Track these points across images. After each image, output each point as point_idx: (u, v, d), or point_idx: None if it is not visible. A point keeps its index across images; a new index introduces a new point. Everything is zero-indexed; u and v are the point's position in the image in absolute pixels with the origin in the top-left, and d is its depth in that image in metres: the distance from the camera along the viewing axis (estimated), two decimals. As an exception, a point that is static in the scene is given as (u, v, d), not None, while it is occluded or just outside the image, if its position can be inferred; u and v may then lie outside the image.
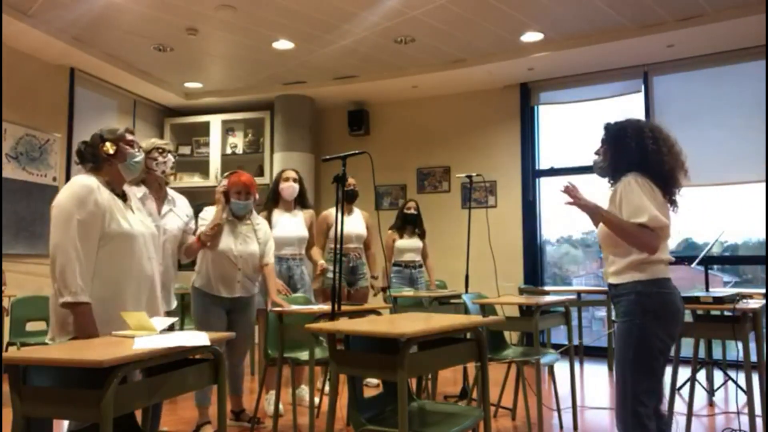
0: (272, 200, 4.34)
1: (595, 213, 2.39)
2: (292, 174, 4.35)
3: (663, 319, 2.29)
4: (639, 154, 2.37)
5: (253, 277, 3.78)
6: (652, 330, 2.28)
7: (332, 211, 4.69)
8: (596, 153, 2.56)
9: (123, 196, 2.54)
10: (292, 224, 4.31)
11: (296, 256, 4.32)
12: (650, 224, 2.25)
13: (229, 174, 3.77)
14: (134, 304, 2.42)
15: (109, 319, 2.30)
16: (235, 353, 3.76)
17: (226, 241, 3.66)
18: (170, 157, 3.28)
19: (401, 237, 5.41)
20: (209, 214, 3.67)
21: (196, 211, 3.64)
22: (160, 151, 3.25)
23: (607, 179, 2.53)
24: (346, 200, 4.76)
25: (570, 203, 2.40)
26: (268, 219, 4.20)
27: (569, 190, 2.39)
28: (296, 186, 4.32)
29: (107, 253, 2.39)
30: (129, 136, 2.56)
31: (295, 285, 4.24)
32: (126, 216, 2.47)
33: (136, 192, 3.02)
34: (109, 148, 2.48)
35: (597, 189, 2.84)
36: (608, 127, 2.51)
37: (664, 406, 2.44)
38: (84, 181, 2.41)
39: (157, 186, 3.32)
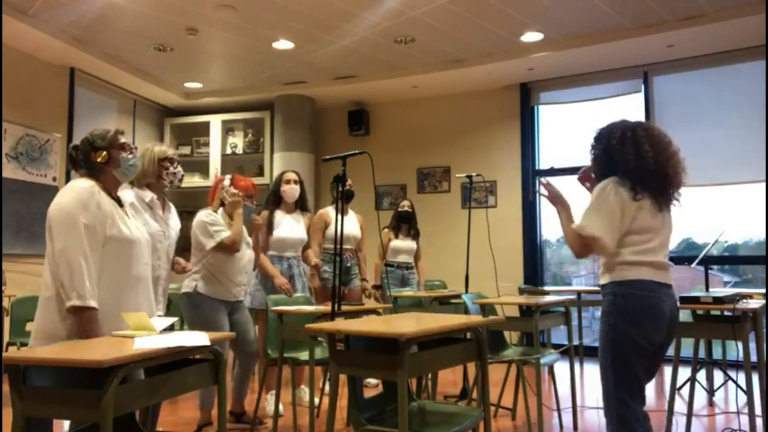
0: (273, 202, 4.33)
1: (558, 206, 2.52)
2: (293, 176, 4.35)
3: (639, 321, 2.23)
4: (618, 160, 2.34)
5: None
6: (626, 331, 2.23)
7: (329, 209, 4.69)
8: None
9: (118, 202, 2.47)
10: (294, 226, 4.34)
11: (297, 257, 4.37)
12: (579, 232, 2.32)
13: (231, 179, 3.73)
14: (134, 310, 2.36)
15: (108, 324, 2.25)
16: (253, 356, 3.76)
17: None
18: (179, 169, 3.22)
19: (396, 237, 5.40)
20: (218, 218, 3.59)
21: (190, 212, 3.60)
22: (171, 160, 3.17)
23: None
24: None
25: (543, 194, 2.58)
26: (270, 220, 4.21)
27: (546, 186, 2.56)
28: (297, 188, 4.32)
29: (109, 258, 2.33)
30: (121, 139, 2.46)
31: (294, 284, 4.25)
32: (125, 221, 2.43)
33: (143, 196, 3.01)
34: (101, 156, 2.40)
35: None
36: (596, 133, 2.48)
37: (648, 407, 2.40)
38: (84, 184, 2.34)
39: (161, 193, 3.30)
